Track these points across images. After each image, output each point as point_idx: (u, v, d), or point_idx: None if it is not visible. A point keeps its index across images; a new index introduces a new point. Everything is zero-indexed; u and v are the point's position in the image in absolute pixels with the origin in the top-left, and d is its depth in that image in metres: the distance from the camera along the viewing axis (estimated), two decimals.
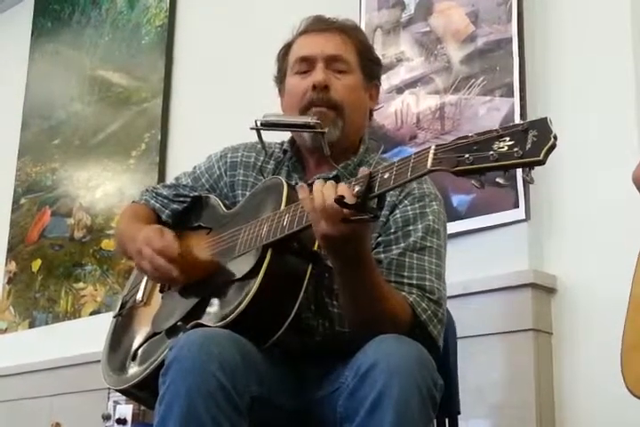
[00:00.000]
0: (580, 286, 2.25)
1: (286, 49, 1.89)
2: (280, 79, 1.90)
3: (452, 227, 2.26)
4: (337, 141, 1.77)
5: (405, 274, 1.66)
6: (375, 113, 1.98)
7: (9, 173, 4.42)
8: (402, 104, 2.70)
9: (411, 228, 1.70)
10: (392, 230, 1.71)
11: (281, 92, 1.91)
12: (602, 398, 2.10)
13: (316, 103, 1.78)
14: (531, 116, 2.36)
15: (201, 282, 1.72)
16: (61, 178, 4.12)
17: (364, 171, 1.46)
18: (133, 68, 3.89)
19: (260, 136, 1.79)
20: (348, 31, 1.86)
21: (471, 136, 1.31)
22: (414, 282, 1.65)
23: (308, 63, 1.82)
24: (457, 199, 2.45)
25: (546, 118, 1.26)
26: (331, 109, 1.78)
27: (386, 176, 1.41)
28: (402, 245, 1.69)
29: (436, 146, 1.35)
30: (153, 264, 1.69)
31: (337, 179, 1.76)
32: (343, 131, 1.78)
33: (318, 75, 1.79)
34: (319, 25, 1.86)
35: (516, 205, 2.33)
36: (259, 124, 1.75)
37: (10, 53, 4.70)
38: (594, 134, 2.29)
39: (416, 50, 2.72)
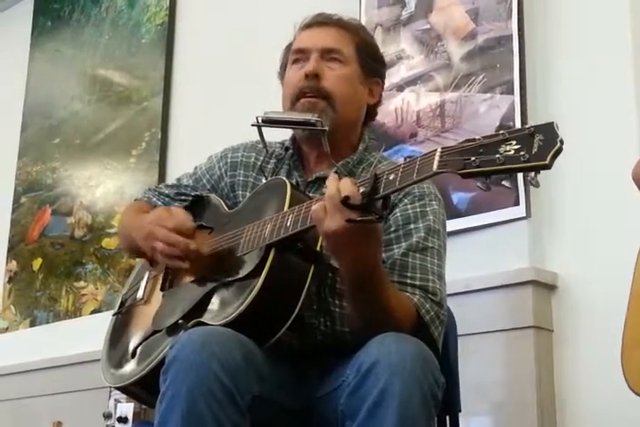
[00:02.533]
0: (581, 283, 2.25)
1: (289, 45, 1.92)
2: (281, 74, 1.92)
3: (453, 225, 2.26)
4: (330, 133, 1.75)
5: (408, 274, 1.66)
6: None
7: (9, 172, 4.41)
8: (402, 102, 2.70)
9: (411, 226, 1.70)
10: (392, 229, 1.71)
11: (282, 86, 1.92)
12: (602, 395, 2.10)
13: (306, 92, 1.79)
14: (531, 114, 2.37)
15: (203, 280, 1.72)
16: (62, 177, 4.12)
17: (370, 172, 1.45)
18: (134, 66, 3.89)
19: (260, 133, 1.79)
20: (347, 26, 1.88)
21: (478, 139, 1.30)
22: (417, 283, 1.65)
23: (303, 54, 1.84)
24: (457, 197, 2.45)
25: (552, 123, 1.26)
26: (321, 99, 1.78)
27: (391, 177, 1.41)
28: (403, 244, 1.68)
29: (442, 148, 1.34)
30: (169, 241, 1.68)
31: None
32: (335, 122, 1.77)
33: (310, 64, 1.81)
34: (318, 19, 1.89)
35: (517, 203, 2.33)
36: (260, 120, 1.76)
37: (10, 52, 4.69)
38: (594, 132, 2.29)
39: (416, 47, 2.72)
